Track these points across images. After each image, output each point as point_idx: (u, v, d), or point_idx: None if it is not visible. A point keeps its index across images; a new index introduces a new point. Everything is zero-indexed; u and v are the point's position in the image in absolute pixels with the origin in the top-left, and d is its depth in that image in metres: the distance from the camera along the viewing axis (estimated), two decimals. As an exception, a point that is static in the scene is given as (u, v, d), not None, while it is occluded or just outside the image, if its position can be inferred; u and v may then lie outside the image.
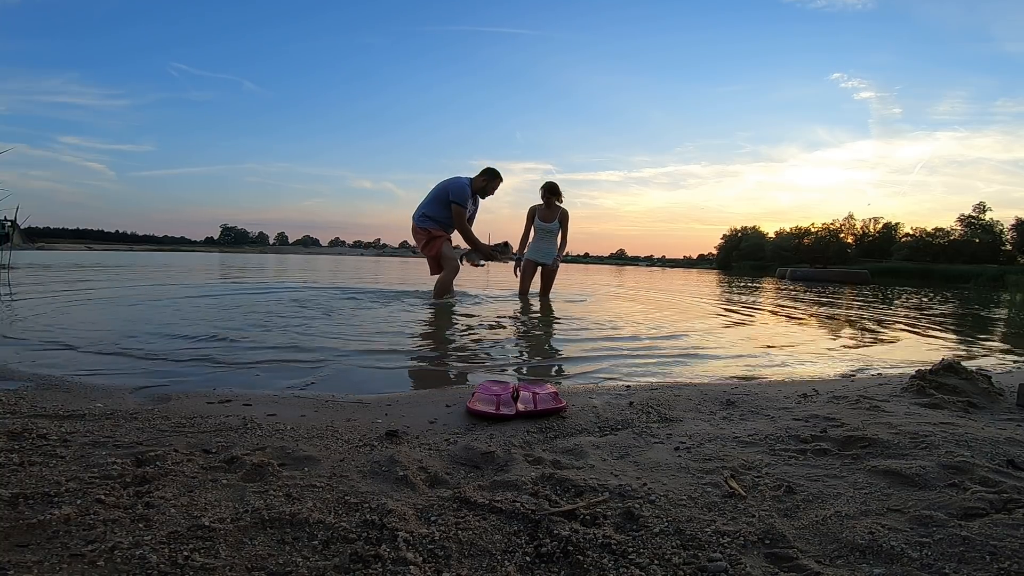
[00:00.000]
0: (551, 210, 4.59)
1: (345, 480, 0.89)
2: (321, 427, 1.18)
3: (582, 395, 1.55)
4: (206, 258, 18.13)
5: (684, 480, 0.94)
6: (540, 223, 4.61)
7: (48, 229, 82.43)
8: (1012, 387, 1.61)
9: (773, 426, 1.25)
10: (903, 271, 32.11)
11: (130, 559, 0.63)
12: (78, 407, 1.23)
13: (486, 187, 4.13)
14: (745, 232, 58.28)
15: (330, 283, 6.26)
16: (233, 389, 1.52)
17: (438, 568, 0.65)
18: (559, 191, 4.56)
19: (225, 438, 1.07)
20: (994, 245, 39.23)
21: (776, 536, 0.74)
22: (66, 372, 1.63)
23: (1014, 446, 1.09)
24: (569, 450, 1.09)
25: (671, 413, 1.36)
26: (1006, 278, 22.33)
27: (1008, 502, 0.83)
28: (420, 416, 1.31)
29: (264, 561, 0.64)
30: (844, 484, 0.93)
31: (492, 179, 4.12)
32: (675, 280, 13.17)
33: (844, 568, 0.68)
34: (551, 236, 4.62)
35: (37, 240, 35.28)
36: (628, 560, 0.67)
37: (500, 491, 0.86)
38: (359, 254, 65.85)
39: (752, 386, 1.74)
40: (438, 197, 4.03)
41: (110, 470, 0.86)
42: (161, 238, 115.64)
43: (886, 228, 50.41)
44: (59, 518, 0.70)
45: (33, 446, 0.96)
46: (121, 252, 25.26)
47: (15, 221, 5.56)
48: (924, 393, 1.56)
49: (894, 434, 1.15)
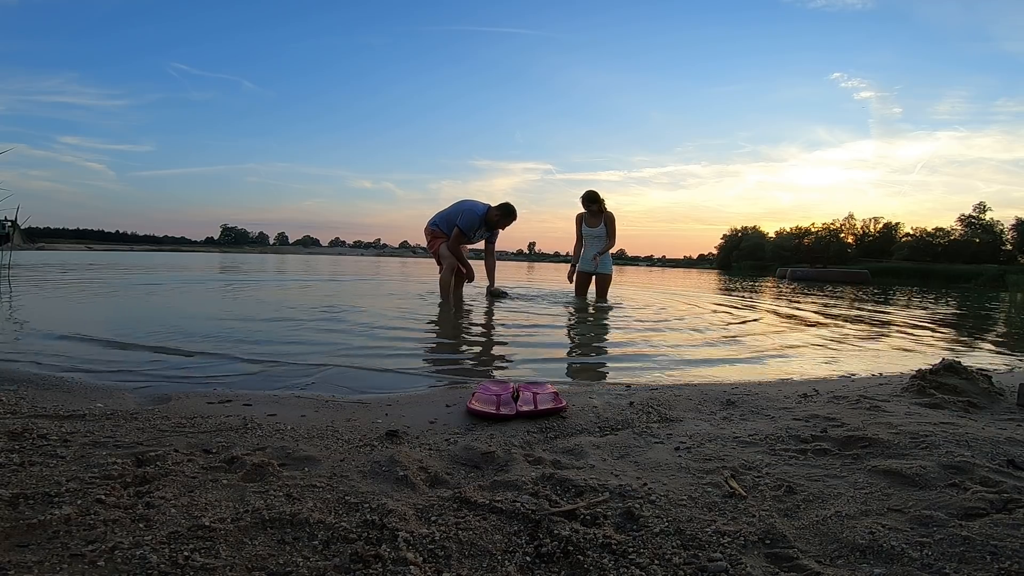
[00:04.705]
0: (595, 216, 4.68)
1: (345, 480, 0.89)
2: (321, 427, 1.18)
3: (582, 395, 1.55)
4: (206, 258, 18.13)
5: (684, 480, 0.94)
6: (588, 229, 4.73)
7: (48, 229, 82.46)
8: (1012, 387, 1.61)
9: (773, 426, 1.25)
10: (903, 271, 32.07)
11: (130, 559, 0.63)
12: (78, 407, 1.23)
13: (498, 221, 4.28)
14: (745, 232, 58.23)
15: (328, 278, 6.26)
16: (233, 389, 1.52)
17: (438, 568, 0.65)
18: (599, 197, 4.64)
19: (225, 438, 1.07)
20: (994, 245, 39.19)
21: (776, 536, 0.74)
22: (66, 372, 1.63)
23: (1014, 446, 1.09)
24: (569, 450, 1.09)
25: (671, 413, 1.36)
26: (1006, 278, 22.32)
27: (1008, 502, 0.83)
28: (420, 416, 1.31)
29: (264, 561, 0.64)
30: (844, 484, 0.93)
31: (505, 217, 4.25)
32: (675, 280, 13.17)
33: (844, 568, 0.68)
34: (599, 241, 4.71)
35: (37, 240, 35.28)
36: (628, 560, 0.67)
37: (500, 491, 0.86)
38: (359, 254, 65.86)
39: (752, 386, 1.74)
40: (449, 218, 4.27)
41: (110, 470, 0.86)
42: (161, 238, 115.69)
43: (886, 228, 50.40)
44: (59, 518, 0.70)
45: (33, 446, 0.96)
46: (121, 252, 25.26)
47: (15, 221, 5.57)
48: (924, 393, 1.56)
49: (894, 434, 1.15)
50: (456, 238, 4.21)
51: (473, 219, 4.17)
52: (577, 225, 4.81)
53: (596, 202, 4.62)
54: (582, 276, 4.88)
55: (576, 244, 4.87)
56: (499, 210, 4.21)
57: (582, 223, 4.77)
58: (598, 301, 4.68)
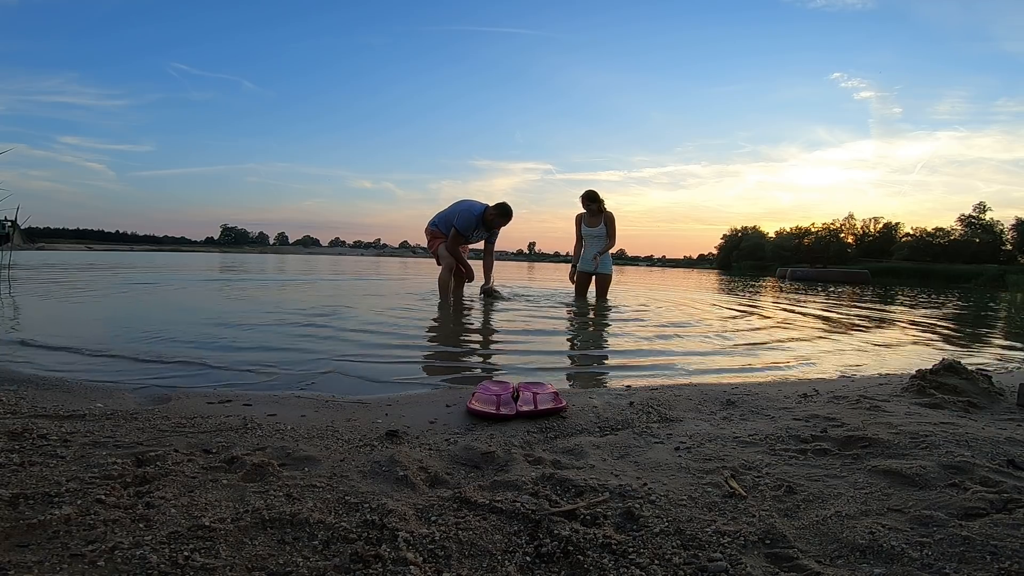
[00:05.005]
0: (595, 216, 4.68)
1: (345, 480, 0.89)
2: (321, 427, 1.18)
3: (582, 395, 1.55)
4: (206, 258, 18.14)
5: (684, 480, 0.94)
6: (587, 230, 4.73)
7: (48, 229, 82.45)
8: (1012, 387, 1.61)
9: (773, 426, 1.25)
10: (903, 271, 32.06)
11: (130, 559, 0.63)
12: (78, 407, 1.23)
13: (494, 221, 4.32)
14: (745, 232, 58.23)
15: (329, 278, 6.26)
16: (233, 389, 1.52)
17: (438, 568, 0.65)
18: (598, 197, 4.64)
19: (225, 438, 1.07)
20: (994, 245, 39.17)
21: (776, 536, 0.74)
22: (66, 372, 1.63)
23: (1014, 446, 1.09)
24: (569, 450, 1.09)
25: (671, 413, 1.36)
26: (1006, 278, 22.31)
27: (1008, 502, 0.83)
28: (420, 416, 1.31)
29: (264, 561, 0.64)
30: (844, 484, 0.93)
31: (501, 216, 4.30)
32: (676, 280, 13.17)
33: (844, 568, 0.68)
34: (599, 241, 4.70)
35: (37, 240, 35.30)
36: (628, 560, 0.67)
37: (500, 491, 0.86)
38: (359, 254, 65.88)
39: (752, 386, 1.74)
40: (448, 218, 4.31)
41: (110, 470, 0.86)
42: (161, 238, 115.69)
43: (886, 228, 50.39)
44: (59, 518, 0.70)
45: (33, 446, 0.96)
46: (121, 252, 25.26)
47: (15, 221, 5.57)
48: (924, 393, 1.56)
49: (894, 434, 1.15)
50: (454, 238, 4.25)
51: (470, 219, 4.21)
52: (576, 225, 4.82)
53: (596, 201, 4.63)
54: (582, 276, 4.88)
55: (576, 244, 4.88)
56: (495, 210, 4.25)
57: (581, 223, 4.77)
58: (599, 301, 4.68)
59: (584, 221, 4.75)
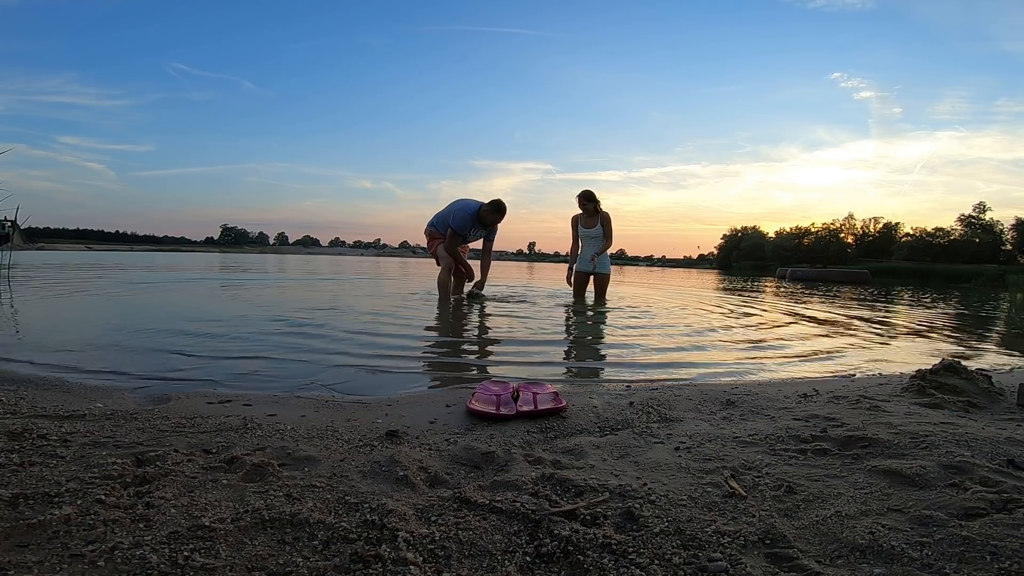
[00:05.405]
0: (592, 216, 4.67)
1: (345, 480, 0.89)
2: (321, 427, 1.18)
3: (582, 395, 1.55)
4: (206, 258, 18.14)
5: (684, 480, 0.94)
6: (584, 230, 4.71)
7: (48, 229, 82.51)
8: (1012, 387, 1.61)
9: (773, 426, 1.25)
10: (903, 271, 32.05)
11: (130, 559, 0.63)
12: (78, 407, 1.23)
13: (487, 217, 4.34)
14: (745, 232, 58.20)
15: (329, 278, 6.26)
16: (233, 389, 1.52)
17: (438, 568, 0.65)
18: (595, 197, 4.63)
19: (225, 438, 1.07)
20: (994, 245, 39.17)
21: (776, 536, 0.74)
22: (66, 372, 1.63)
23: (1014, 446, 1.09)
24: (569, 450, 1.09)
25: (671, 413, 1.36)
26: (1006, 278, 22.31)
27: (1008, 502, 0.83)
28: (420, 416, 1.31)
29: (264, 561, 0.64)
30: (844, 484, 0.93)
31: (494, 212, 4.33)
32: (676, 280, 13.17)
33: (844, 568, 0.68)
34: (596, 242, 4.69)
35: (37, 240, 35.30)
36: (628, 560, 0.67)
37: (500, 491, 0.86)
38: (359, 254, 65.88)
39: (752, 386, 1.74)
40: (445, 219, 4.36)
41: (110, 470, 0.86)
42: (161, 238, 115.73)
43: (886, 228, 50.38)
44: (59, 518, 0.70)
45: (33, 446, 0.96)
46: (121, 252, 25.26)
47: (15, 221, 5.57)
48: (924, 393, 1.56)
49: (894, 434, 1.15)
50: (451, 238, 4.27)
51: (465, 218, 4.24)
52: (573, 227, 4.78)
53: (592, 201, 4.61)
54: (580, 276, 4.87)
55: (572, 245, 4.86)
56: (489, 206, 4.28)
57: (578, 224, 4.74)
58: (597, 301, 4.68)
59: (580, 222, 4.73)
